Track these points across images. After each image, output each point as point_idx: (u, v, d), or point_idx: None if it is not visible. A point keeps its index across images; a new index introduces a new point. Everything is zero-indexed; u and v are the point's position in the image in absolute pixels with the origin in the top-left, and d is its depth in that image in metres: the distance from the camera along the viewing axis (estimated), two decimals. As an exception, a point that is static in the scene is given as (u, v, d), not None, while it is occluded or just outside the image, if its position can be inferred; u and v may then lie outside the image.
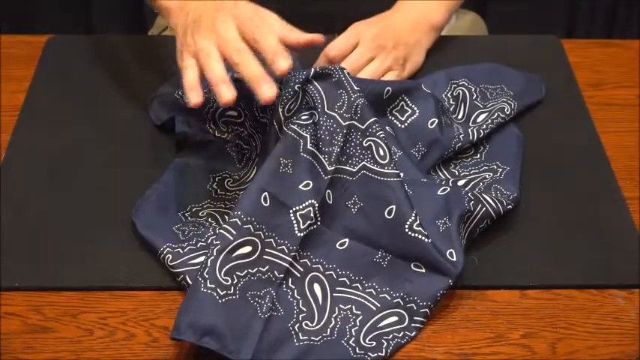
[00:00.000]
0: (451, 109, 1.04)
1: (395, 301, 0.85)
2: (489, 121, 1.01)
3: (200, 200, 0.94)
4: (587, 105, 1.09)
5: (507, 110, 1.03)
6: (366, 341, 0.83)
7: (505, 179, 0.96)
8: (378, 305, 0.85)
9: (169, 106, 1.02)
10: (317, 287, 0.86)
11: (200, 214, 0.93)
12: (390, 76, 1.06)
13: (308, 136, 0.89)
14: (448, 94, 1.06)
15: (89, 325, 0.84)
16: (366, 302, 0.85)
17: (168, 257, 0.87)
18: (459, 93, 1.06)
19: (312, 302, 0.85)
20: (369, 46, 1.05)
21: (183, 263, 0.87)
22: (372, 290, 0.86)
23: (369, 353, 0.82)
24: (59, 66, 1.12)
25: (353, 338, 0.83)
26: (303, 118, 0.90)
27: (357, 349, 0.82)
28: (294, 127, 0.90)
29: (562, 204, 0.96)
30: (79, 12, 1.87)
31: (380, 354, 0.82)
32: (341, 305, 0.85)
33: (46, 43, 1.16)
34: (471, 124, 1.02)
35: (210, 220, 0.91)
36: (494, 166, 0.98)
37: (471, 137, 0.99)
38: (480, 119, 1.03)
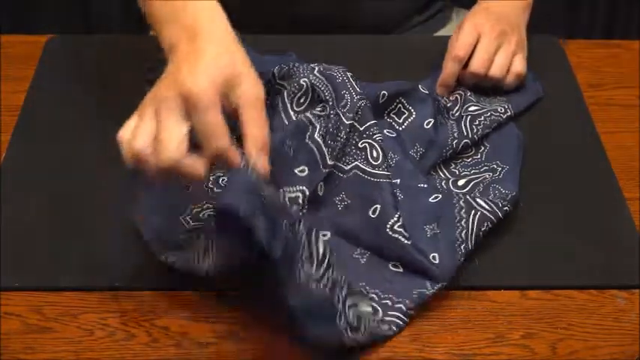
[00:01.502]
0: (448, 105, 1.04)
1: (370, 295, 0.85)
2: (482, 117, 1.02)
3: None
4: (588, 105, 1.09)
5: (501, 110, 1.04)
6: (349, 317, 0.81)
7: (504, 179, 0.96)
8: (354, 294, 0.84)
9: None
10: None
11: (201, 215, 0.92)
12: (518, 60, 1.07)
13: (318, 126, 0.89)
14: (446, 98, 1.06)
15: (89, 326, 0.84)
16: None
17: (172, 261, 0.87)
18: (456, 97, 1.06)
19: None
20: (492, 37, 1.07)
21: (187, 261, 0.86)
22: (349, 282, 0.86)
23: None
24: (59, 66, 1.12)
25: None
26: (318, 109, 0.91)
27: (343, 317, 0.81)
28: (309, 115, 0.90)
29: (562, 204, 0.96)
30: (79, 12, 1.87)
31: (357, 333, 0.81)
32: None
33: (46, 43, 1.16)
34: (463, 114, 1.02)
35: (212, 223, 0.91)
36: (494, 166, 0.98)
37: (465, 133, 0.99)
38: (471, 109, 1.03)
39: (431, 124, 0.98)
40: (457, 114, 1.03)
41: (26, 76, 1.11)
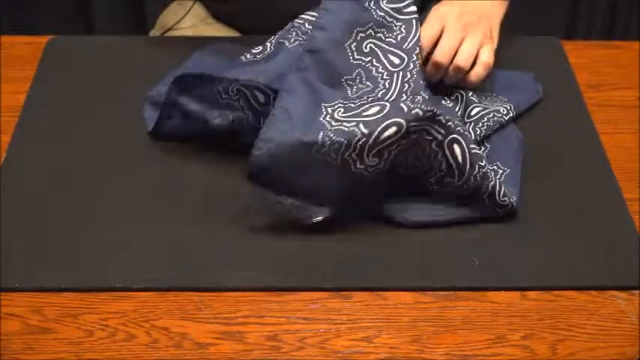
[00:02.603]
0: (449, 106, 1.04)
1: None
2: (485, 119, 1.02)
3: None
4: (587, 106, 1.09)
5: (503, 111, 1.04)
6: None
7: (505, 182, 0.96)
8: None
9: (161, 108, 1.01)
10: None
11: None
12: (486, 51, 1.05)
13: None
14: (446, 97, 1.06)
15: (89, 326, 0.84)
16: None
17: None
18: (457, 96, 1.06)
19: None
20: (457, 27, 1.04)
21: None
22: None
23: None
24: (60, 67, 1.13)
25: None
26: None
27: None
28: None
29: (562, 204, 0.96)
30: (79, 12, 1.87)
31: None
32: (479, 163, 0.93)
33: (46, 43, 1.16)
34: (466, 119, 1.02)
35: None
36: (495, 167, 0.98)
37: (468, 136, 0.99)
38: (473, 112, 1.03)
39: None
40: (459, 116, 1.03)
41: (26, 76, 1.11)
